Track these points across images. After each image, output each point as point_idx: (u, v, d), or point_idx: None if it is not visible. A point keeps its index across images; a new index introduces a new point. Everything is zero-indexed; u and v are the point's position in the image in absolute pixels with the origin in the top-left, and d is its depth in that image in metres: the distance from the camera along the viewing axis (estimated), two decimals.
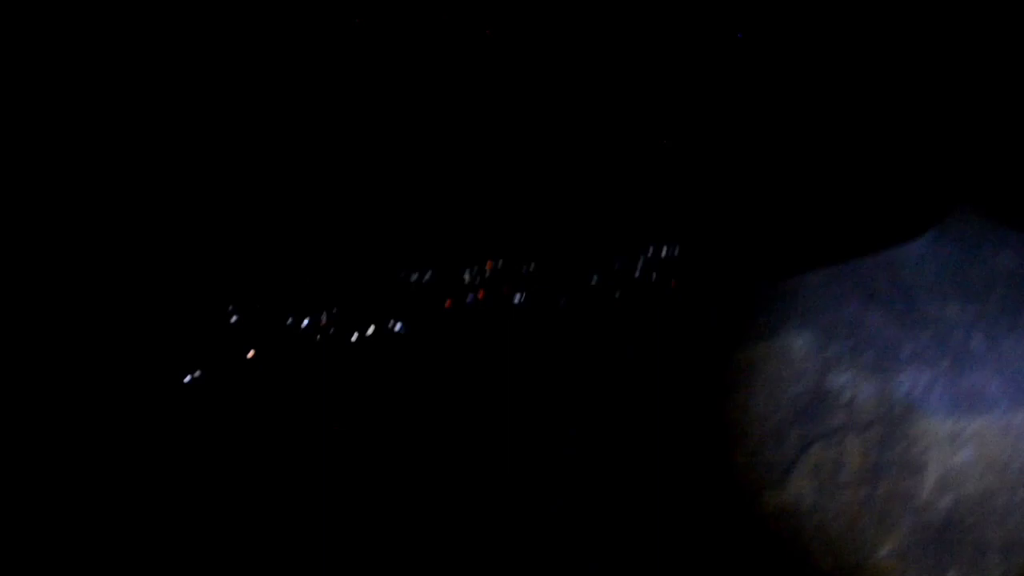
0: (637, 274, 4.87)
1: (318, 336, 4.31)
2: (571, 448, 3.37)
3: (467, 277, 4.97)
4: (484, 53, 4.39)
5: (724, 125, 4.49)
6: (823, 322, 2.94)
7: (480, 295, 4.89)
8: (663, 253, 4.91)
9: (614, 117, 4.69)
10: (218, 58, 4.06)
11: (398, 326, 4.42)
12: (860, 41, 4.15)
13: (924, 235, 3.39)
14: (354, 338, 4.33)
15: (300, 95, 4.26)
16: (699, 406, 3.10)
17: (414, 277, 4.72)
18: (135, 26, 3.92)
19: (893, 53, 4.09)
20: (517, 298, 4.86)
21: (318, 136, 4.39)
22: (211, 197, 4.19)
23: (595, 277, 4.89)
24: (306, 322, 4.36)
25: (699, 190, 4.61)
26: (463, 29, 4.33)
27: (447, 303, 4.77)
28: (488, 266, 5.01)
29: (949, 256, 3.22)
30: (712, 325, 3.47)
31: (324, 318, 4.40)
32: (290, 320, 4.32)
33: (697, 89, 4.58)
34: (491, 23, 4.34)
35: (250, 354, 4.07)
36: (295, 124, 4.30)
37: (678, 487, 2.99)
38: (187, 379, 3.82)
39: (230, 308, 4.23)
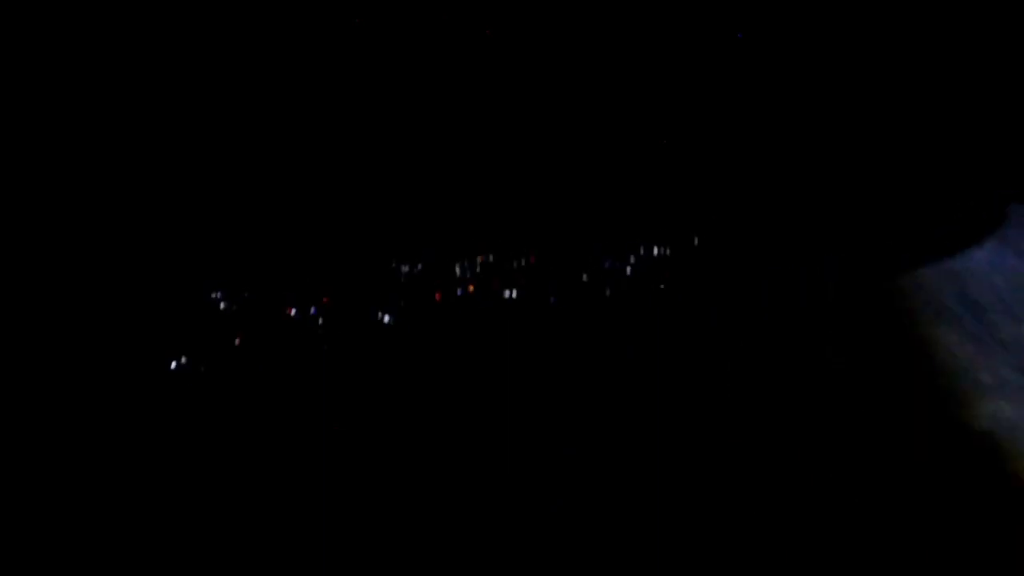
0: (628, 272, 4.70)
1: (309, 329, 4.13)
2: (571, 448, 3.24)
3: (458, 271, 4.76)
4: (484, 53, 4.25)
5: (754, 125, 4.32)
6: (892, 342, 2.58)
7: (471, 289, 4.69)
8: (656, 252, 4.74)
9: (612, 114, 4.55)
10: (214, 52, 3.87)
11: (387, 318, 4.21)
12: (915, 45, 3.95)
13: (984, 245, 3.08)
14: (345, 331, 4.16)
15: (295, 90, 4.09)
16: (742, 438, 2.78)
17: (405, 269, 4.49)
18: (135, 25, 3.72)
19: (951, 56, 3.89)
20: (507, 293, 4.67)
21: (311, 130, 4.22)
22: (204, 189, 4.00)
23: (585, 275, 4.73)
24: (296, 314, 4.16)
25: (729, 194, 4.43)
26: (463, 29, 4.19)
27: (436, 296, 4.57)
28: (479, 260, 4.82)
29: (1014, 269, 2.89)
30: (714, 329, 3.21)
31: (314, 310, 4.19)
32: (280, 312, 4.13)
33: (707, 89, 4.44)
34: (491, 23, 4.21)
35: (236, 341, 3.88)
36: (289, 118, 4.13)
37: (680, 490, 2.83)
38: (174, 366, 3.66)
39: (219, 298, 4.04)
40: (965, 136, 3.82)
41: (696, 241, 4.46)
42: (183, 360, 3.77)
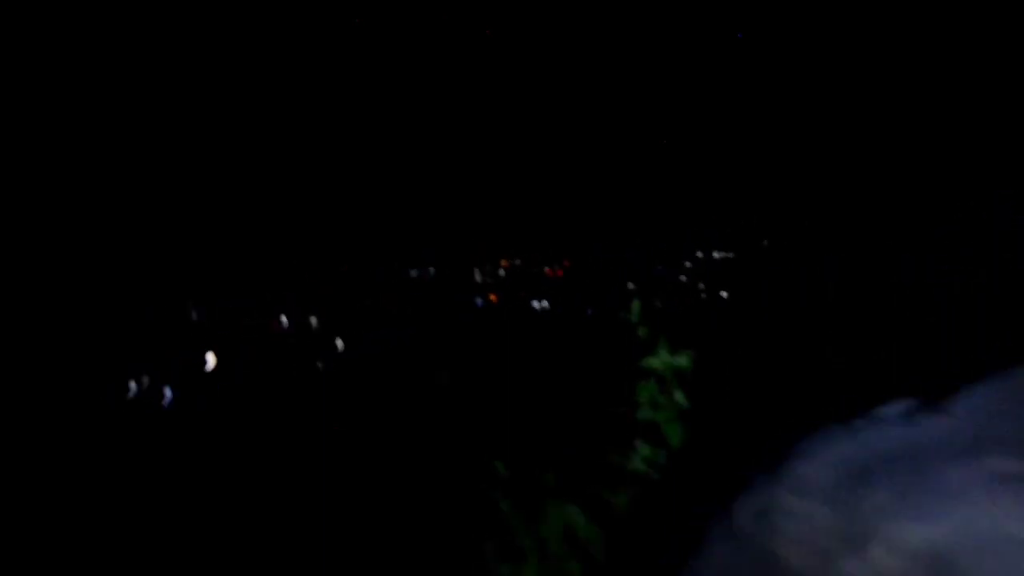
0: (683, 280, 4.43)
1: (318, 337, 4.20)
2: (571, 448, 3.23)
3: (478, 277, 4.56)
4: (484, 53, 4.26)
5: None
6: None
7: (492, 299, 4.49)
8: (654, 254, 4.52)
9: (618, 115, 4.47)
10: (214, 56, 3.98)
11: (397, 333, 4.21)
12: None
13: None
14: (352, 340, 4.20)
15: (300, 93, 4.16)
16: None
17: (414, 274, 4.46)
18: (133, 26, 3.84)
19: None
20: (536, 304, 4.47)
21: (322, 129, 4.28)
22: (212, 196, 4.11)
23: (630, 284, 4.48)
24: (304, 321, 4.23)
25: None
26: (463, 29, 4.22)
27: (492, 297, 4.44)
28: (503, 265, 4.60)
29: None
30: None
31: (317, 320, 4.25)
32: (288, 319, 4.21)
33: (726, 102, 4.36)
34: (491, 23, 4.23)
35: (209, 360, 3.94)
36: (299, 121, 4.20)
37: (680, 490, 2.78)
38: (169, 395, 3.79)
39: (232, 303, 4.14)
40: (964, 136, 3.71)
41: (696, 242, 4.39)
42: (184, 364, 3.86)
